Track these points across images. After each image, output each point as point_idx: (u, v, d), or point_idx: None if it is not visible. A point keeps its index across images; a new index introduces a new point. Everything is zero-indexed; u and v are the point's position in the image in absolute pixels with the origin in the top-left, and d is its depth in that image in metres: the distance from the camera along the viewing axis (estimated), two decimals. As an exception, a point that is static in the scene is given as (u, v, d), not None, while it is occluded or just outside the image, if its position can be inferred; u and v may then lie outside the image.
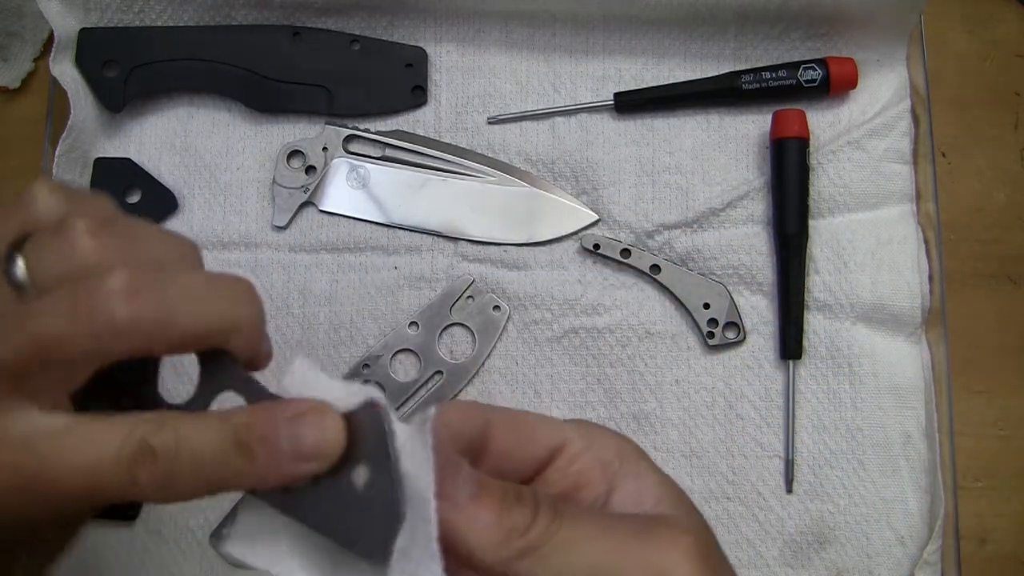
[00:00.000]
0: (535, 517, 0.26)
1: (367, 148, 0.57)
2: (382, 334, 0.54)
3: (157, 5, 0.56)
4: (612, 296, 0.55)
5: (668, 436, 0.53)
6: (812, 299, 0.54)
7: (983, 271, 0.57)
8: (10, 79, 0.58)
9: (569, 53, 0.58)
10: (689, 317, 0.55)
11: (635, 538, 0.27)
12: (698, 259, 0.55)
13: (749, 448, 0.53)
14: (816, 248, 0.55)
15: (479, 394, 0.54)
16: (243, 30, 0.56)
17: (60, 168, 0.52)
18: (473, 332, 0.54)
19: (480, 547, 0.26)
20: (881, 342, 0.54)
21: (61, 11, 0.54)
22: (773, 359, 0.54)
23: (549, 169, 0.56)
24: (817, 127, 0.56)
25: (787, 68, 0.55)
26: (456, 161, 0.56)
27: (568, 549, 0.26)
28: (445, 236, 0.56)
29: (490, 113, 0.57)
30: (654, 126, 0.57)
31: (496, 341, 0.54)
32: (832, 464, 0.53)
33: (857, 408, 0.53)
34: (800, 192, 0.54)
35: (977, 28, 0.60)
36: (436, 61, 0.57)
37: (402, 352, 0.54)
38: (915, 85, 0.57)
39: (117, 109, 0.55)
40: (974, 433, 0.55)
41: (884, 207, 0.56)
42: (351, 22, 0.57)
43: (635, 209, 0.56)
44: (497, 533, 0.26)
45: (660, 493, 0.30)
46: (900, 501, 0.52)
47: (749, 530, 0.52)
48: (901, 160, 0.56)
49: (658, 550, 0.26)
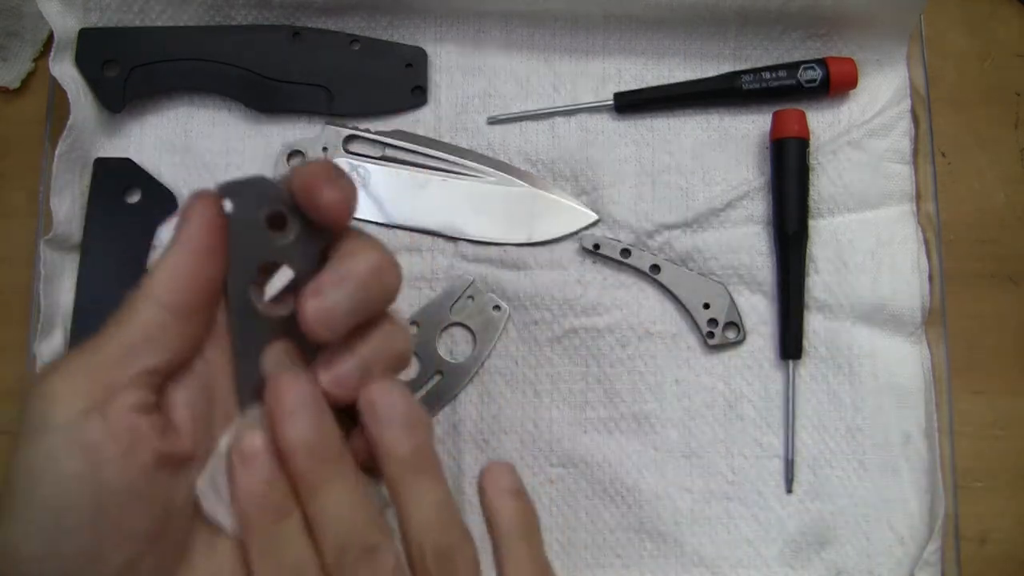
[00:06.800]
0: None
1: (367, 148, 0.57)
2: (382, 334, 0.54)
3: (157, 5, 0.56)
4: (612, 296, 0.55)
5: (668, 436, 0.53)
6: (812, 299, 0.54)
7: (983, 271, 0.57)
8: (10, 79, 0.58)
9: (569, 53, 0.58)
10: (689, 317, 0.55)
11: None
12: (698, 259, 0.55)
13: (749, 448, 0.53)
14: (816, 248, 0.55)
15: (479, 394, 0.54)
16: (243, 30, 0.56)
17: (60, 168, 0.52)
18: (473, 332, 0.54)
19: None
20: (881, 342, 0.54)
21: (61, 11, 0.54)
22: (773, 359, 0.54)
23: (549, 169, 0.56)
24: (817, 127, 0.56)
25: (787, 68, 0.55)
26: (456, 161, 0.56)
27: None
28: (445, 236, 0.56)
29: (490, 113, 0.57)
30: (654, 126, 0.57)
31: (496, 341, 0.54)
32: (832, 464, 0.53)
33: (857, 408, 0.53)
34: (800, 192, 0.54)
35: (977, 28, 0.60)
36: (436, 61, 0.57)
37: (402, 352, 0.54)
38: (915, 85, 0.57)
39: (117, 109, 0.55)
40: (974, 433, 0.55)
41: (884, 207, 0.56)
42: (351, 22, 0.57)
43: (635, 209, 0.56)
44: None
45: None
46: (900, 501, 0.52)
47: (749, 530, 0.52)
48: (901, 160, 0.56)
49: None
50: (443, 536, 0.29)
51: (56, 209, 0.52)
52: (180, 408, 0.29)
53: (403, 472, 0.29)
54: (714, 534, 0.52)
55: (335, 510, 0.28)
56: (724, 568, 0.52)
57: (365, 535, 0.28)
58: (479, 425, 0.53)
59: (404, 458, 0.29)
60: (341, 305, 0.28)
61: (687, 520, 0.53)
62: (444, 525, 0.29)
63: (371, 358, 0.30)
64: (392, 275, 0.30)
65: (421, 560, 0.29)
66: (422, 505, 0.29)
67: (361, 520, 0.28)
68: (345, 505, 0.28)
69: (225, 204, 0.29)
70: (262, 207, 0.29)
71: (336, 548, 0.28)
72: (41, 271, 0.52)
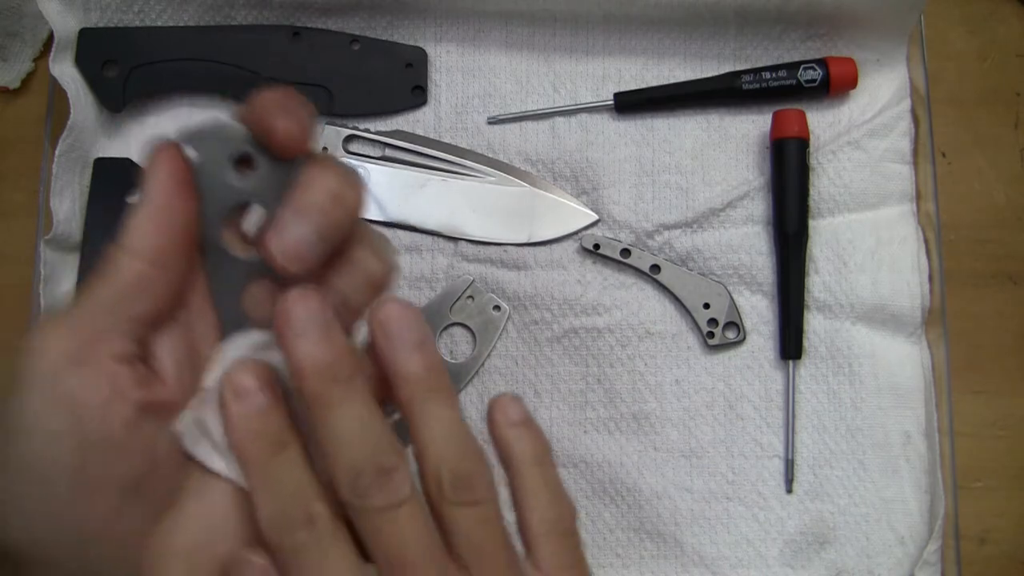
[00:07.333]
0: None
1: (367, 148, 0.57)
2: (382, 334, 0.54)
3: (157, 5, 0.56)
4: (612, 296, 0.55)
5: (668, 436, 0.53)
6: (812, 299, 0.54)
7: (983, 271, 0.57)
8: (10, 79, 0.58)
9: (569, 53, 0.58)
10: (689, 317, 0.55)
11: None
12: (698, 259, 0.55)
13: (749, 448, 0.53)
14: (816, 248, 0.55)
15: (479, 394, 0.54)
16: (243, 30, 0.56)
17: (60, 168, 0.52)
18: (473, 332, 0.54)
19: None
20: (881, 342, 0.54)
21: (61, 11, 0.54)
22: (773, 359, 0.54)
23: (549, 169, 0.56)
24: (817, 127, 0.56)
25: (787, 68, 0.55)
26: (456, 161, 0.56)
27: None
28: (445, 236, 0.56)
29: (490, 113, 0.57)
30: (654, 126, 0.57)
31: (496, 341, 0.54)
32: (832, 464, 0.53)
33: (857, 408, 0.53)
34: (800, 192, 0.54)
35: (977, 28, 0.60)
36: (436, 61, 0.57)
37: (402, 352, 0.54)
38: (915, 85, 0.57)
39: (117, 109, 0.55)
40: (974, 433, 0.55)
41: (884, 207, 0.56)
42: (351, 22, 0.57)
43: (635, 209, 0.56)
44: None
45: None
46: (900, 501, 0.52)
47: (749, 530, 0.52)
48: (901, 160, 0.56)
49: None
50: (461, 459, 0.28)
51: (56, 209, 0.52)
52: (164, 357, 0.29)
53: (417, 392, 0.28)
54: (714, 534, 0.52)
55: (348, 432, 0.27)
56: (724, 568, 0.52)
57: (379, 457, 0.27)
58: (479, 425, 0.53)
59: (418, 376, 0.28)
60: (305, 237, 0.27)
61: (687, 520, 0.53)
62: (461, 448, 0.29)
63: (347, 286, 0.29)
64: (352, 195, 0.28)
65: (438, 484, 0.28)
66: (438, 427, 0.28)
67: (375, 441, 0.27)
68: (358, 427, 0.27)
69: (188, 152, 0.29)
70: (225, 149, 0.29)
71: (349, 470, 0.27)
72: (41, 271, 0.52)
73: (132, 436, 0.27)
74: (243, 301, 0.30)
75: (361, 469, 0.27)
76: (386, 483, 0.27)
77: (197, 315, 0.30)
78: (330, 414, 0.27)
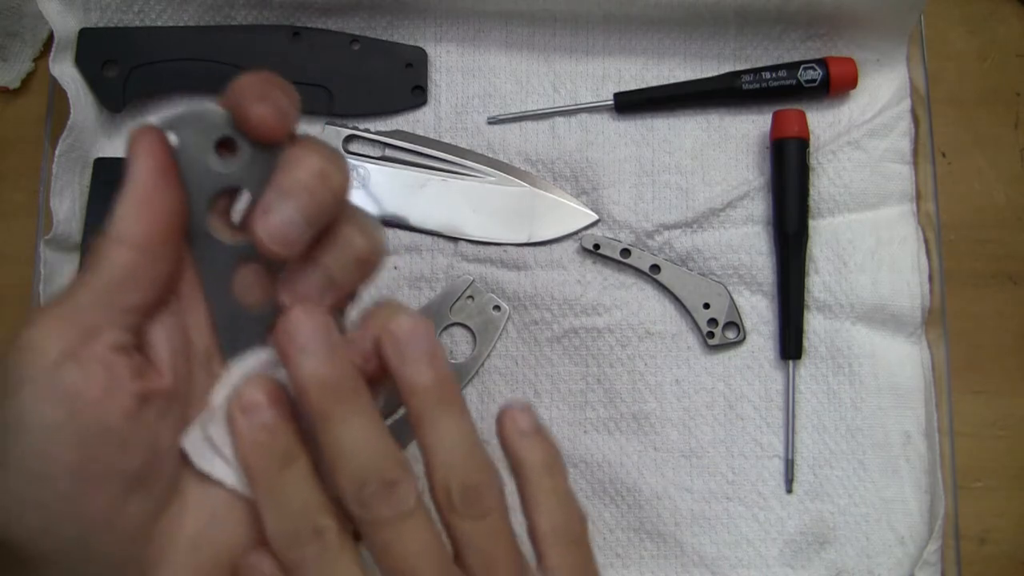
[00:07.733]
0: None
1: (367, 148, 0.57)
2: (382, 334, 0.54)
3: (157, 5, 0.56)
4: (612, 296, 0.55)
5: (668, 436, 0.53)
6: (812, 299, 0.54)
7: (983, 271, 0.57)
8: (10, 79, 0.58)
9: (569, 53, 0.58)
10: (689, 317, 0.55)
11: None
12: (698, 259, 0.55)
13: (749, 448, 0.53)
14: (816, 248, 0.55)
15: (479, 394, 0.54)
16: (243, 30, 0.56)
17: (60, 168, 0.52)
18: (473, 332, 0.54)
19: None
20: (881, 342, 0.54)
21: (61, 11, 0.54)
22: (773, 359, 0.54)
23: (549, 169, 0.56)
24: (817, 127, 0.56)
25: (787, 68, 0.55)
26: (456, 161, 0.56)
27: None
28: (445, 236, 0.56)
29: (490, 113, 0.57)
30: (654, 126, 0.57)
31: (496, 341, 0.54)
32: (832, 464, 0.53)
33: (857, 408, 0.53)
34: (800, 192, 0.54)
35: (977, 28, 0.60)
36: (436, 61, 0.57)
37: (402, 352, 0.54)
38: (915, 85, 0.57)
39: (117, 109, 0.55)
40: (974, 433, 0.55)
41: (884, 207, 0.56)
42: (351, 22, 0.57)
43: (635, 209, 0.56)
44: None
45: None
46: (900, 501, 0.53)
47: (749, 530, 0.52)
48: (901, 160, 0.56)
49: None
50: (470, 471, 0.28)
51: (56, 209, 0.52)
52: (159, 346, 0.29)
53: (427, 404, 0.28)
54: (714, 534, 0.52)
55: (352, 445, 0.27)
56: (724, 568, 0.52)
57: (384, 469, 0.27)
58: (479, 425, 0.53)
59: (428, 389, 0.28)
60: (291, 219, 0.27)
61: (687, 520, 0.53)
62: (470, 459, 0.29)
63: (335, 266, 0.29)
64: (338, 174, 0.28)
65: (447, 496, 0.28)
66: (447, 438, 0.28)
67: (379, 454, 0.27)
68: (362, 439, 0.27)
69: (170, 138, 0.28)
70: (207, 134, 0.28)
71: (355, 483, 0.27)
72: (41, 271, 0.52)
73: (132, 427, 0.27)
74: (233, 287, 0.30)
75: (366, 481, 0.27)
76: (391, 494, 0.27)
77: (188, 303, 0.30)
78: (335, 429, 0.27)
